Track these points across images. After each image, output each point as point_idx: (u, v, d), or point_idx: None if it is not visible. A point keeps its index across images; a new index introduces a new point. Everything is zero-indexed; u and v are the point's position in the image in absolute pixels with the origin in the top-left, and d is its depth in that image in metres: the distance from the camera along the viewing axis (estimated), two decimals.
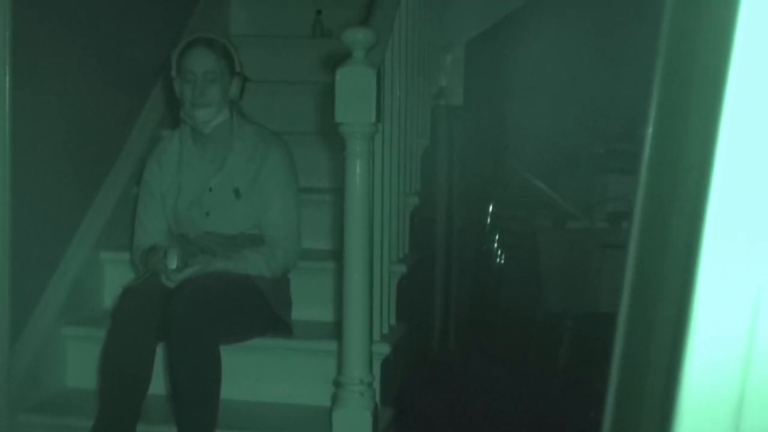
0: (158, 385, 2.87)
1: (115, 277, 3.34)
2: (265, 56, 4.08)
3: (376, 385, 2.80)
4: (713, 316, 0.66)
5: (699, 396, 0.66)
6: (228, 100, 2.98)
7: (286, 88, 4.04)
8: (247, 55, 3.11)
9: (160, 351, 2.82)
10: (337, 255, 2.90)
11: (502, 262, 4.88)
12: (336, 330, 2.92)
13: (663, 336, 0.70)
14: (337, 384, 2.74)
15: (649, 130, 0.74)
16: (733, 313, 0.66)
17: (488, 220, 4.88)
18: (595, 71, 4.96)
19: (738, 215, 0.66)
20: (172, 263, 2.80)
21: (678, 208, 0.68)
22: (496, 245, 4.86)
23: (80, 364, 3.14)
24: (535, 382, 3.90)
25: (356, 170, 2.63)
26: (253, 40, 4.23)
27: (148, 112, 3.79)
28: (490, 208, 4.88)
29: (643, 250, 0.74)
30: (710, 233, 0.66)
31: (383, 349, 2.93)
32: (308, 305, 3.18)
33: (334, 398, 2.75)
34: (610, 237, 4.46)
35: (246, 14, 4.61)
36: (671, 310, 0.68)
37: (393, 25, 3.07)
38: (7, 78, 2.78)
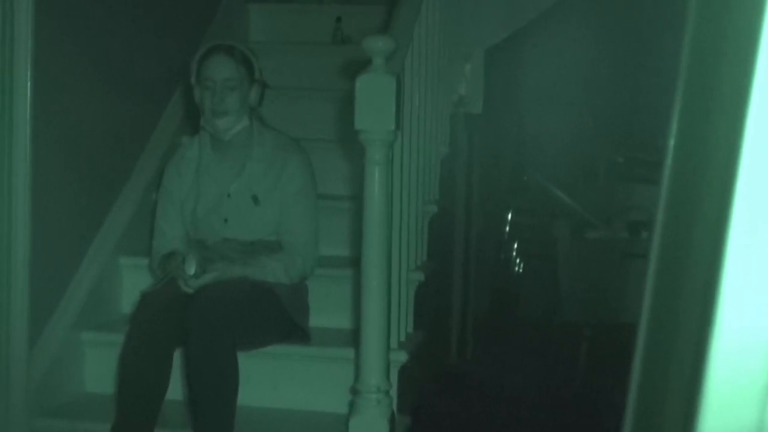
0: (176, 390, 2.88)
1: (133, 282, 3.35)
2: (285, 63, 4.08)
3: (393, 392, 2.79)
4: (737, 328, 0.65)
5: (721, 409, 0.65)
6: (247, 107, 2.99)
7: (305, 94, 4.04)
8: (266, 62, 3.11)
9: (177, 356, 2.82)
10: (355, 262, 2.90)
11: (521, 270, 4.87)
12: (353, 337, 2.92)
13: (685, 346, 0.69)
14: (355, 391, 2.73)
15: (672, 139, 0.74)
16: (758, 326, 0.65)
17: (507, 229, 4.87)
18: (614, 80, 4.94)
19: (763, 224, 0.65)
20: (191, 269, 2.80)
21: (701, 218, 0.68)
22: (514, 254, 4.85)
23: (99, 369, 3.15)
24: (553, 390, 3.89)
25: (375, 177, 2.62)
26: (273, 46, 4.23)
27: (168, 119, 3.80)
28: (509, 217, 4.87)
29: (665, 259, 0.73)
30: (734, 242, 0.65)
31: (401, 356, 2.92)
32: (326, 312, 3.18)
33: (351, 406, 2.74)
34: (629, 246, 4.44)
35: (265, 21, 4.62)
36: (694, 320, 0.68)
37: (413, 33, 3.06)
38: (29, 85, 2.80)
